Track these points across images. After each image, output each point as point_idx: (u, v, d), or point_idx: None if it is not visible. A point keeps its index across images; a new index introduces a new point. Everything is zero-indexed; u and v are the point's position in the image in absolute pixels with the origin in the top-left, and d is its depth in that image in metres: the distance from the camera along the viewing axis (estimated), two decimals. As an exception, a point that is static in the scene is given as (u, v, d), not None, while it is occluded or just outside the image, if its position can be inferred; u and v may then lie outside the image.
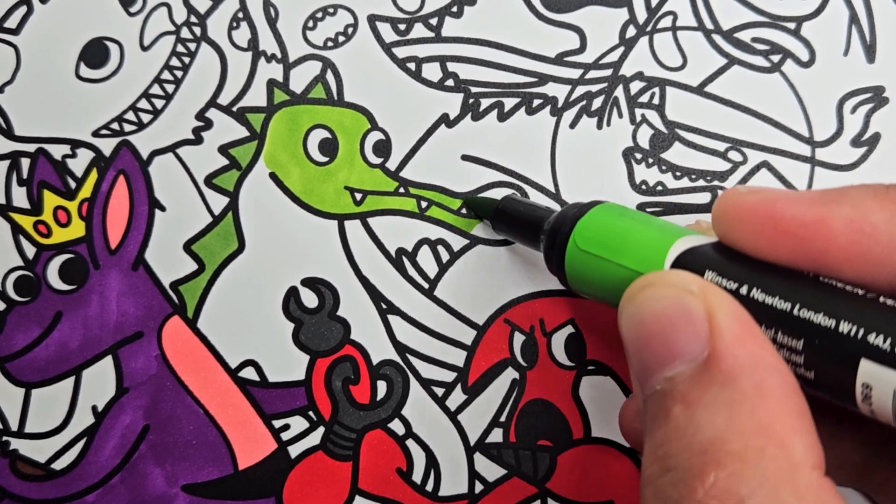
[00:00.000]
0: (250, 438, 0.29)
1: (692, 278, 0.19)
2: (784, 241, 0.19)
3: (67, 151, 0.30)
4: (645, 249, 0.21)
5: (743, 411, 0.16)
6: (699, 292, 0.18)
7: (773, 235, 0.19)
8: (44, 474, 0.29)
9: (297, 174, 0.30)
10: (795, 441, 0.16)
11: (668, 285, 0.19)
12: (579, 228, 0.23)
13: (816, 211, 0.18)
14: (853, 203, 0.18)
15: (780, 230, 0.19)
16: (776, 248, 0.19)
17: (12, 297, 0.30)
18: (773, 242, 0.19)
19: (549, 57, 0.30)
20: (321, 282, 0.29)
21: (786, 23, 0.29)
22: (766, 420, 0.16)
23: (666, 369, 0.18)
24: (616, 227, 0.22)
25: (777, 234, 0.19)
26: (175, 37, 0.30)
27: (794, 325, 0.18)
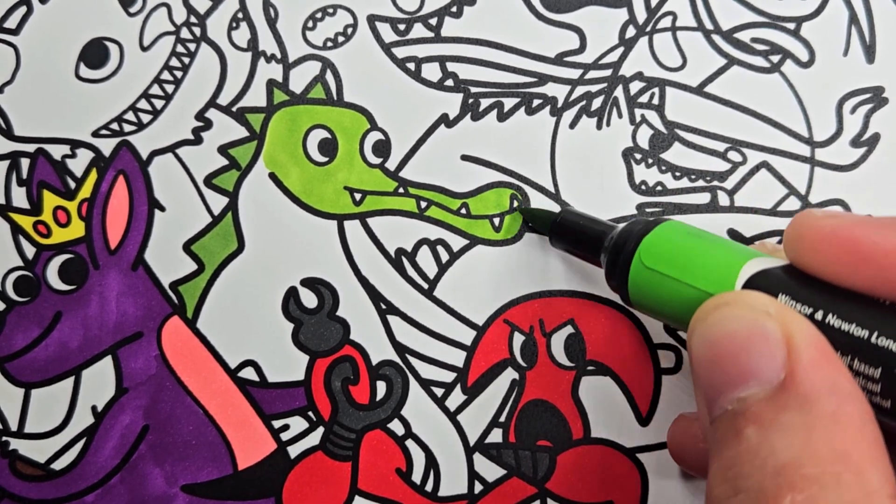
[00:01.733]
0: (250, 438, 0.29)
1: (769, 300, 0.19)
2: (863, 268, 0.18)
3: (67, 151, 0.30)
4: (715, 269, 0.21)
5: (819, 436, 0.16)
6: (777, 315, 0.18)
7: (852, 261, 0.19)
8: (43, 474, 0.29)
9: (297, 174, 0.30)
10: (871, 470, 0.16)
11: (746, 306, 0.19)
12: (645, 245, 0.23)
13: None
14: None
15: (859, 256, 0.18)
16: (854, 274, 0.19)
17: (12, 298, 0.30)
18: (852, 268, 0.19)
19: (549, 57, 0.30)
20: (321, 282, 0.29)
21: (785, 23, 0.29)
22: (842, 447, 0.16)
23: (739, 389, 0.18)
24: (684, 245, 0.22)
25: (856, 261, 0.19)
26: (175, 37, 0.30)
27: (871, 353, 0.18)
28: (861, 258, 0.19)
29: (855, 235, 0.19)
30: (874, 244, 0.18)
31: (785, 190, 0.29)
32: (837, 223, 0.19)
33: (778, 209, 0.29)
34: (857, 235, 0.19)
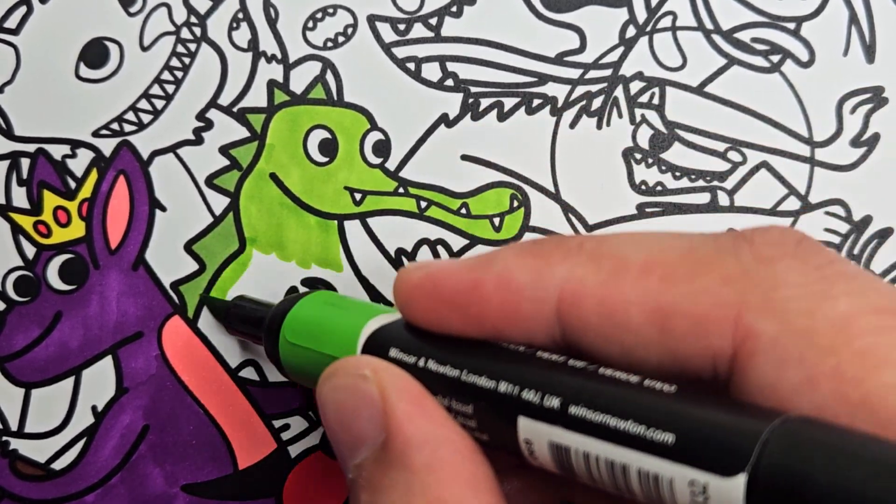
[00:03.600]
0: (250, 438, 0.29)
1: (366, 361, 0.19)
2: (448, 312, 0.19)
3: (67, 151, 0.30)
4: (340, 334, 0.22)
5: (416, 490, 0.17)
6: (373, 375, 0.18)
7: (438, 307, 0.19)
8: (43, 474, 0.29)
9: (298, 174, 0.30)
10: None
11: (345, 373, 0.19)
12: (288, 321, 0.24)
13: (470, 276, 0.19)
14: (501, 264, 0.18)
15: (442, 301, 0.19)
16: (443, 319, 0.19)
17: (12, 297, 0.30)
18: (440, 314, 0.19)
19: (549, 57, 0.30)
20: (321, 282, 0.29)
21: (785, 23, 0.29)
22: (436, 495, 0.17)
23: (354, 457, 0.18)
24: (318, 316, 0.23)
25: (441, 306, 0.19)
26: (175, 37, 0.31)
27: (462, 391, 0.18)
28: (444, 303, 0.19)
29: (436, 283, 0.19)
30: (451, 287, 0.19)
31: (785, 190, 0.29)
32: (423, 274, 0.19)
33: (778, 209, 0.29)
34: (437, 283, 0.19)
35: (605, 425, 0.16)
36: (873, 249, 0.28)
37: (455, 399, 0.18)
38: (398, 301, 0.20)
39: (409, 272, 0.20)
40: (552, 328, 0.18)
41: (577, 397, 0.16)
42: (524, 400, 0.17)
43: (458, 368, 0.18)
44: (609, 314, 0.17)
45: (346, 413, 0.19)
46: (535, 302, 0.18)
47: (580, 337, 0.18)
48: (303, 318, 0.23)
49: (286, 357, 0.24)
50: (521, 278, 0.18)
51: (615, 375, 0.16)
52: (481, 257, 0.19)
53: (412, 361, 0.19)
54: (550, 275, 0.18)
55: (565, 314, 0.18)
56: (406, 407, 0.18)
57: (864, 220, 0.29)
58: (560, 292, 0.18)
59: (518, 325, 0.18)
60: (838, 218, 0.29)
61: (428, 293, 0.19)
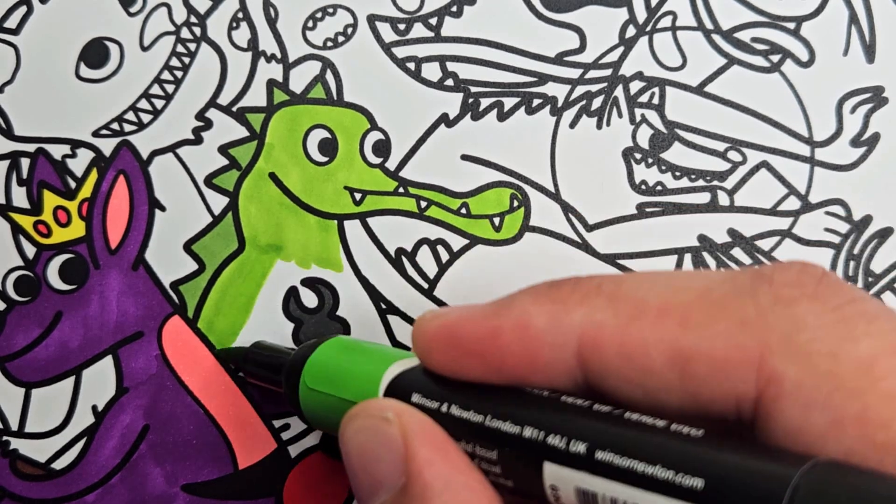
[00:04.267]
0: (250, 438, 0.29)
1: (389, 404, 0.19)
2: (468, 360, 0.19)
3: (67, 151, 0.30)
4: (361, 380, 0.22)
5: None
6: (395, 418, 0.18)
7: (458, 356, 0.19)
8: (44, 474, 0.29)
9: (297, 174, 0.30)
10: None
11: (367, 415, 0.19)
12: (308, 367, 0.24)
13: (488, 324, 0.19)
14: (518, 309, 0.18)
15: (461, 350, 0.19)
16: (464, 367, 0.19)
17: (12, 297, 0.30)
18: (460, 363, 0.19)
19: (549, 57, 0.30)
20: (321, 282, 0.29)
21: (785, 23, 0.29)
22: None
23: (373, 499, 0.18)
24: (338, 361, 0.23)
25: (460, 354, 0.19)
26: (175, 37, 0.31)
27: (487, 437, 0.18)
28: (464, 351, 0.19)
29: (454, 331, 0.19)
30: (469, 336, 0.19)
31: (785, 190, 0.29)
32: (441, 322, 0.19)
33: (778, 209, 0.29)
34: (455, 331, 0.19)
35: (633, 470, 0.15)
36: (873, 249, 0.28)
37: (479, 445, 0.18)
38: (417, 349, 0.20)
39: (427, 321, 0.20)
40: (573, 372, 0.18)
41: (604, 442, 0.16)
42: (550, 445, 0.17)
43: (481, 414, 0.18)
44: (629, 358, 0.17)
45: (367, 455, 0.19)
46: (555, 347, 0.18)
47: (602, 381, 0.18)
48: (322, 364, 0.23)
49: (306, 403, 0.24)
50: (539, 324, 0.18)
51: (641, 420, 0.16)
52: (498, 303, 0.19)
53: (435, 407, 0.19)
54: (569, 319, 0.18)
55: (586, 359, 0.18)
56: (427, 452, 0.18)
57: (864, 220, 0.28)
58: (579, 337, 0.17)
59: (538, 370, 0.18)
60: (838, 218, 0.29)
61: (446, 342, 0.19)
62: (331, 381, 0.23)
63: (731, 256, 0.29)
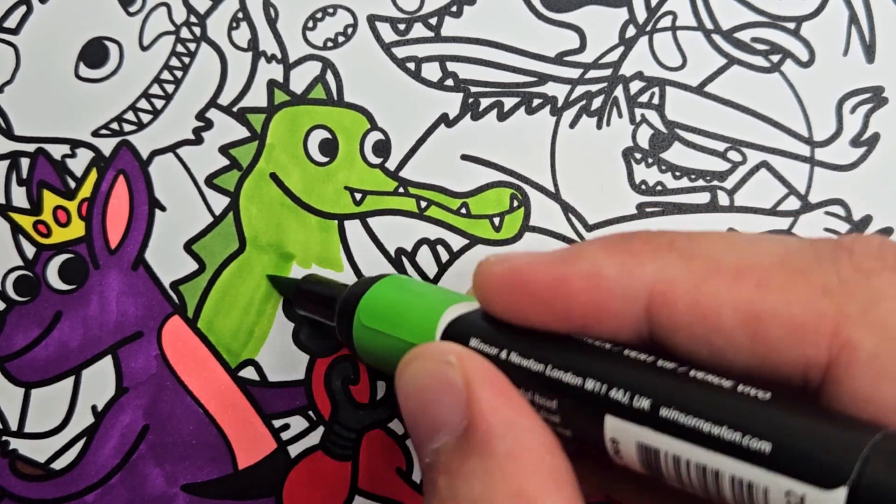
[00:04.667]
0: (250, 438, 0.29)
1: (451, 348, 0.19)
2: (533, 306, 0.19)
3: (67, 151, 0.30)
4: (418, 321, 0.22)
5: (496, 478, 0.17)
6: (457, 362, 0.18)
7: (522, 301, 0.19)
8: (43, 474, 0.29)
9: (298, 174, 0.30)
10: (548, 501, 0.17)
11: (428, 358, 0.19)
12: (363, 304, 0.23)
13: (557, 271, 0.18)
14: (588, 258, 0.18)
15: (526, 295, 0.19)
16: (528, 313, 0.19)
17: (12, 297, 0.30)
18: (524, 308, 0.19)
19: (549, 56, 0.30)
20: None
21: (785, 23, 0.29)
22: (518, 485, 0.17)
23: (433, 441, 0.18)
24: (395, 300, 0.23)
25: (525, 300, 0.19)
26: (175, 37, 0.30)
27: (547, 386, 0.18)
28: (529, 297, 0.19)
29: (521, 276, 0.19)
30: (536, 281, 0.19)
31: (785, 190, 0.29)
32: (506, 267, 0.19)
33: (778, 209, 0.29)
34: (522, 276, 0.19)
35: (699, 430, 0.15)
36: (873, 249, 0.28)
37: (538, 393, 0.18)
38: (479, 293, 0.20)
39: (492, 265, 0.20)
40: (639, 326, 0.18)
41: (669, 399, 0.16)
42: (612, 399, 0.17)
43: (542, 363, 0.18)
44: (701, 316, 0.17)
45: (427, 397, 0.18)
46: (624, 299, 0.18)
47: (668, 336, 0.18)
48: (378, 302, 0.23)
49: (360, 340, 0.23)
50: (610, 275, 0.18)
51: (707, 379, 0.16)
52: (566, 251, 0.19)
53: (494, 353, 0.19)
54: (640, 272, 0.18)
55: (655, 313, 0.18)
56: (490, 395, 0.18)
57: (864, 220, 0.29)
58: (650, 291, 0.17)
59: (605, 321, 0.18)
60: (838, 218, 0.29)
61: (511, 286, 0.19)
62: (386, 320, 0.23)
63: (731, 256, 0.29)
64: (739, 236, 0.18)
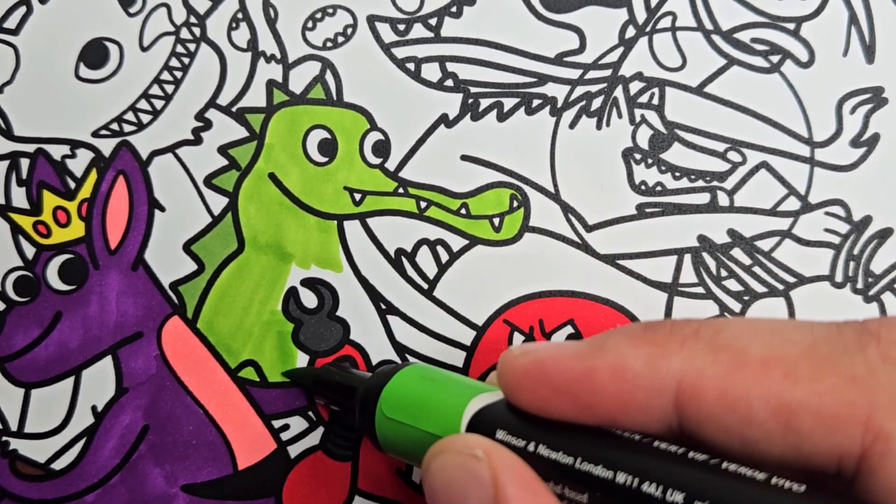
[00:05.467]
0: (250, 438, 0.29)
1: (478, 441, 0.19)
2: (559, 399, 0.19)
3: (67, 152, 0.30)
4: (442, 412, 0.21)
5: None
6: (484, 456, 0.18)
7: (548, 394, 0.19)
8: (43, 474, 0.30)
9: (297, 174, 0.30)
10: None
11: (455, 451, 0.19)
12: (385, 396, 0.23)
13: (582, 364, 0.19)
14: (613, 351, 0.18)
15: (552, 388, 0.19)
16: (553, 405, 0.19)
17: (12, 298, 0.30)
18: (550, 401, 0.19)
19: (549, 57, 0.30)
20: (321, 282, 0.29)
21: (785, 23, 0.29)
22: None
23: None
24: (417, 391, 0.23)
25: (550, 393, 0.19)
26: (174, 37, 0.30)
27: (577, 479, 0.18)
28: (556, 390, 0.19)
29: (544, 370, 0.19)
30: (562, 374, 0.19)
31: (785, 190, 0.29)
32: (531, 360, 0.19)
33: (778, 209, 0.29)
34: (547, 369, 0.19)
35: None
36: (873, 249, 0.28)
37: (568, 487, 0.18)
38: (504, 386, 0.20)
39: (515, 357, 0.20)
40: (668, 417, 0.18)
41: (703, 493, 0.16)
42: (645, 493, 0.17)
43: (571, 456, 0.18)
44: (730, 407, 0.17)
45: (454, 491, 0.18)
46: (652, 391, 0.18)
47: (698, 428, 0.18)
48: (400, 393, 0.23)
49: (382, 431, 0.23)
50: (636, 367, 0.18)
51: (740, 471, 0.16)
52: (591, 343, 0.19)
53: (521, 445, 0.19)
54: (667, 365, 0.18)
55: (684, 405, 0.18)
56: (518, 491, 0.18)
57: (864, 220, 0.28)
58: (678, 383, 0.17)
59: (633, 413, 0.18)
60: (838, 218, 0.29)
61: (536, 379, 0.19)
62: (410, 412, 0.22)
63: (730, 257, 0.29)
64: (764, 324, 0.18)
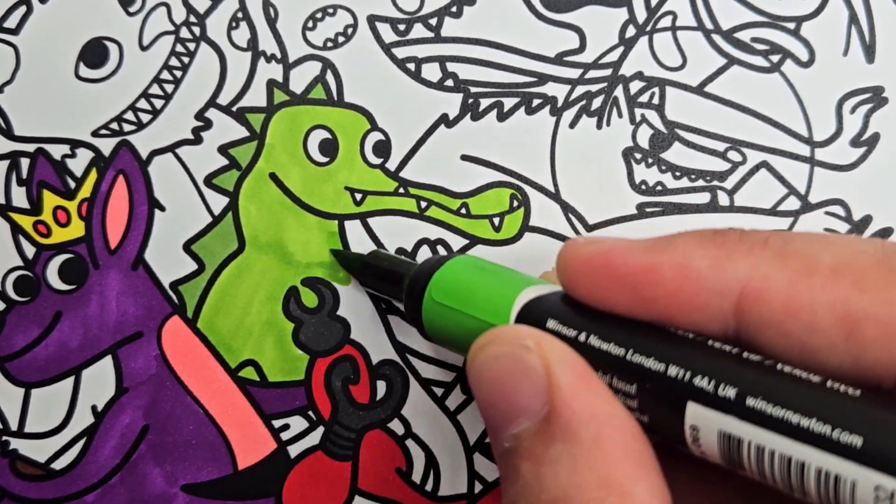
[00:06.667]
0: (250, 438, 0.29)
1: (528, 332, 0.19)
2: (619, 290, 0.19)
3: (67, 151, 0.30)
4: (493, 300, 0.21)
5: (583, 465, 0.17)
6: (536, 346, 0.18)
7: (608, 285, 0.19)
8: (43, 474, 0.29)
9: (297, 174, 0.30)
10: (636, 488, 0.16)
11: (505, 342, 0.19)
12: (435, 280, 0.23)
13: (647, 259, 0.18)
14: (680, 249, 0.18)
15: (613, 279, 0.19)
16: (612, 297, 0.19)
17: (12, 297, 0.30)
18: (609, 292, 0.19)
19: (549, 57, 0.30)
20: (321, 282, 0.29)
21: (785, 23, 0.29)
22: (605, 471, 0.17)
23: (512, 426, 0.18)
24: (469, 279, 0.23)
25: (611, 284, 0.19)
26: (174, 37, 0.30)
27: (627, 370, 0.18)
28: (616, 281, 0.19)
29: (609, 260, 0.19)
30: (625, 266, 0.19)
31: (785, 190, 0.29)
32: (595, 249, 0.19)
33: (778, 209, 0.29)
34: (610, 260, 0.19)
35: (787, 421, 0.15)
36: (873, 249, 0.28)
37: (617, 377, 0.18)
38: (563, 273, 0.20)
39: (579, 246, 0.19)
40: (727, 320, 0.18)
41: (756, 389, 0.16)
42: (696, 386, 0.17)
43: (623, 347, 0.18)
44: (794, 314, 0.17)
45: (505, 382, 0.18)
46: (715, 293, 0.18)
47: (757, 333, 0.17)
48: (451, 279, 0.23)
49: (429, 316, 0.23)
50: (701, 267, 0.18)
51: (794, 372, 0.16)
52: (658, 240, 0.19)
53: (572, 335, 0.19)
54: (733, 268, 0.18)
55: (746, 309, 0.17)
56: (571, 381, 0.18)
57: (864, 220, 0.29)
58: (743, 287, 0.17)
59: (691, 313, 0.18)
60: (838, 218, 0.29)
61: (598, 269, 0.19)
62: (459, 297, 0.22)
63: (730, 256, 0.29)
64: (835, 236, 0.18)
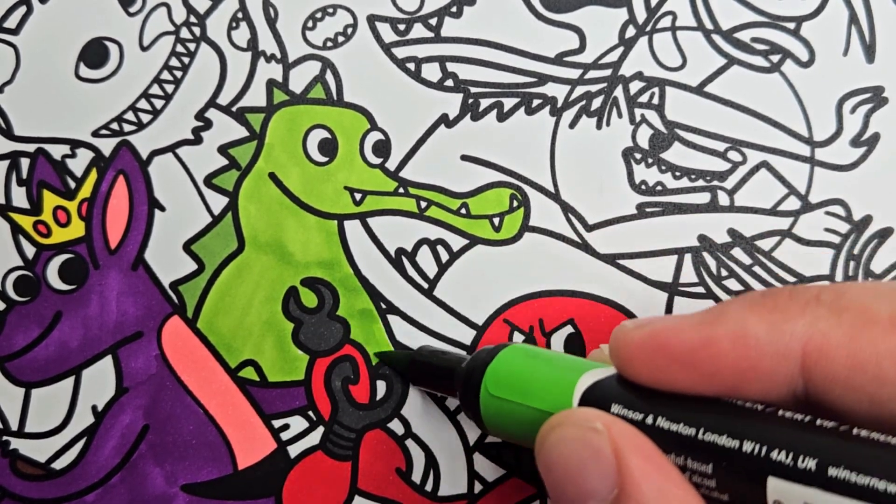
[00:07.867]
0: (250, 438, 0.29)
1: (596, 415, 0.19)
2: (677, 370, 0.19)
3: (67, 151, 0.30)
4: (552, 389, 0.21)
5: None
6: (604, 429, 0.18)
7: (666, 365, 0.19)
8: (44, 474, 0.30)
9: (297, 174, 0.30)
10: None
11: (573, 425, 0.19)
12: (489, 374, 0.23)
13: (701, 334, 0.18)
14: (734, 319, 0.18)
15: (670, 360, 0.19)
16: (672, 377, 0.19)
17: (12, 297, 0.30)
18: (668, 372, 0.19)
19: (549, 57, 0.30)
20: (321, 282, 0.29)
21: (785, 23, 0.29)
22: None
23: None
24: (523, 368, 0.23)
25: (669, 364, 0.19)
26: (174, 37, 0.30)
27: (701, 450, 0.18)
28: (673, 362, 0.19)
29: (662, 342, 0.19)
30: (680, 345, 0.19)
31: (785, 190, 0.29)
32: (646, 333, 0.19)
33: (778, 209, 0.29)
34: (664, 341, 0.19)
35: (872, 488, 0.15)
36: (873, 249, 0.28)
37: (691, 458, 0.18)
38: (619, 360, 0.20)
39: (630, 331, 0.20)
40: (793, 383, 0.18)
41: (837, 458, 0.16)
42: (775, 460, 0.17)
43: (693, 426, 0.18)
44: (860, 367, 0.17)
45: (573, 466, 0.18)
46: (776, 357, 0.18)
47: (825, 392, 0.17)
48: (505, 371, 0.23)
49: (487, 410, 0.23)
50: (758, 333, 0.18)
51: (872, 437, 0.16)
52: (708, 313, 0.19)
53: (639, 418, 0.19)
54: (791, 329, 0.18)
55: (810, 369, 0.17)
56: (641, 463, 0.18)
57: (864, 220, 0.28)
58: (804, 346, 0.17)
59: (754, 382, 0.18)
60: (838, 218, 0.29)
61: (653, 352, 0.19)
62: (517, 389, 0.22)
63: (731, 256, 0.29)
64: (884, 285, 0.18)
